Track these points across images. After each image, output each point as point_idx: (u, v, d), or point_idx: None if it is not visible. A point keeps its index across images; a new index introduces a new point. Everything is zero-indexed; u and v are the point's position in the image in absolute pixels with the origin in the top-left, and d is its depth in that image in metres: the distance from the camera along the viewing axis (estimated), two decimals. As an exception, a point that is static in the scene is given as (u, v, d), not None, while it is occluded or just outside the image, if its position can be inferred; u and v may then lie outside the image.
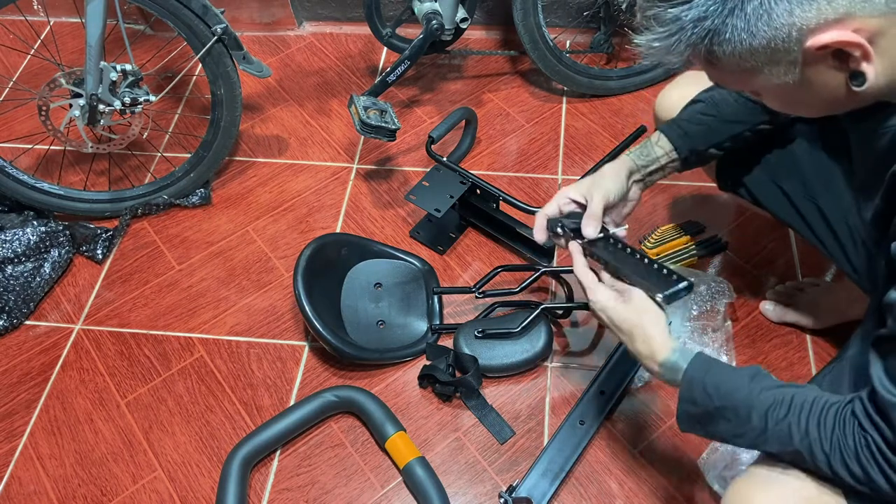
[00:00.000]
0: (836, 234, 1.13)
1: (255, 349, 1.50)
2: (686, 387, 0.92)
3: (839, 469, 0.80)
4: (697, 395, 0.91)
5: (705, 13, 0.72)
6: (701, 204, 1.63)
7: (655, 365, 0.96)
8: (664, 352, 0.95)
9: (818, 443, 0.81)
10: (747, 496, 0.88)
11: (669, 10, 0.73)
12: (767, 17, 0.70)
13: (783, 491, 0.86)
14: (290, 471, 1.35)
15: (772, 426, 0.85)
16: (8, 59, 2.11)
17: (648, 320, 0.97)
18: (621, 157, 1.16)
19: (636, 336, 0.98)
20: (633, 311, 0.98)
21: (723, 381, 0.90)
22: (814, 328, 1.42)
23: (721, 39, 0.73)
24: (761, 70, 0.75)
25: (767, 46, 0.72)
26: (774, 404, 0.85)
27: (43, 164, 1.81)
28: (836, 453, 0.80)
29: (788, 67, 0.74)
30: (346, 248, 1.53)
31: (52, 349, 1.53)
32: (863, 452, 0.78)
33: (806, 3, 0.69)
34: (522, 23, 1.69)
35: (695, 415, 0.93)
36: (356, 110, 1.60)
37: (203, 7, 1.46)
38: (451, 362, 1.40)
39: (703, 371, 0.91)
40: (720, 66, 0.77)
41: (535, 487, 1.27)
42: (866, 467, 0.78)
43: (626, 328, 0.98)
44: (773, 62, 0.74)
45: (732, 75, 0.78)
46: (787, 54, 0.72)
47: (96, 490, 1.35)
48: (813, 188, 1.15)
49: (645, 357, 0.98)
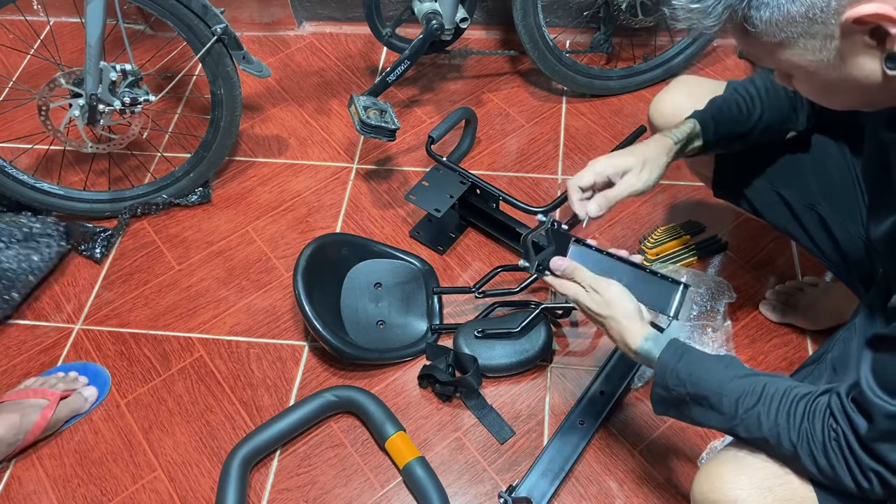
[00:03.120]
0: (836, 241, 1.13)
1: (255, 349, 1.50)
2: (659, 373, 0.95)
3: (805, 460, 0.82)
4: (670, 381, 0.93)
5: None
6: (701, 204, 1.63)
7: (631, 353, 0.99)
8: (637, 340, 0.98)
9: (786, 432, 0.83)
10: (719, 476, 0.89)
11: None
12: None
13: (754, 470, 0.88)
14: (290, 471, 1.35)
15: (741, 414, 0.87)
16: (8, 59, 2.11)
17: (620, 311, 0.99)
18: (663, 139, 1.11)
19: (610, 326, 1.01)
20: (605, 302, 1.00)
21: (695, 369, 0.92)
22: (813, 328, 1.43)
23: (760, 3, 0.71)
24: (796, 42, 0.73)
25: (805, 15, 0.70)
26: (745, 393, 0.87)
27: (43, 164, 1.81)
28: (803, 444, 0.82)
29: (824, 42, 0.72)
30: (346, 248, 1.53)
31: (52, 349, 1.53)
32: (830, 445, 0.80)
33: None
34: (522, 23, 1.69)
35: (668, 399, 0.95)
36: (356, 110, 1.60)
37: (203, 7, 1.46)
38: (451, 362, 1.40)
39: (676, 358, 0.93)
40: (755, 34, 0.74)
41: (535, 487, 1.27)
42: (832, 460, 0.80)
43: (600, 319, 1.02)
44: (808, 34, 0.72)
45: (766, 46, 0.75)
46: (824, 27, 0.70)
47: (96, 490, 1.35)
48: (813, 195, 1.15)
49: (620, 344, 1.01)
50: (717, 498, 0.88)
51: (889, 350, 0.76)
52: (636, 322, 0.99)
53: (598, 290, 1.00)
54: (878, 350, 0.78)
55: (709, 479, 0.90)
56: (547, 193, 1.70)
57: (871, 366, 0.78)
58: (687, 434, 1.34)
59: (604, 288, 1.00)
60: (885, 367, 0.76)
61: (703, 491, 0.90)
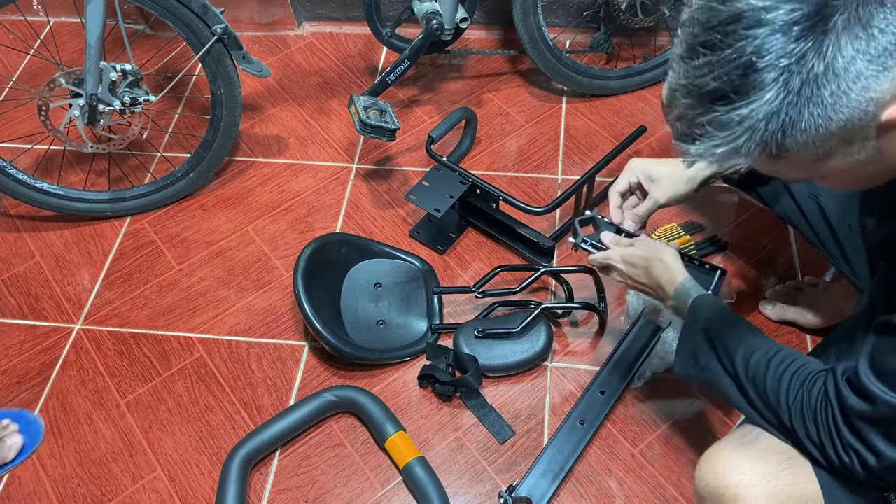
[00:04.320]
0: (835, 234, 1.14)
1: (255, 349, 1.50)
2: (692, 313, 1.02)
3: (797, 424, 0.86)
4: (700, 321, 1.00)
5: (778, 107, 0.64)
6: (701, 204, 1.63)
7: (671, 289, 1.06)
8: (679, 277, 1.06)
9: (785, 393, 0.87)
10: (723, 460, 0.91)
11: (733, 111, 0.65)
12: (846, 98, 0.63)
13: (757, 455, 0.89)
14: (290, 471, 1.35)
15: (752, 363, 0.91)
16: (8, 59, 2.11)
17: (664, 252, 1.10)
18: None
19: (654, 266, 1.09)
20: (647, 248, 1.12)
21: (723, 318, 0.99)
22: (813, 328, 1.42)
23: (796, 130, 0.66)
24: (835, 154, 0.68)
25: (844, 127, 0.65)
26: (762, 349, 0.92)
27: (43, 164, 1.81)
28: (797, 408, 0.86)
29: (862, 144, 0.67)
30: (345, 248, 1.53)
31: (52, 349, 1.53)
32: (820, 416, 0.84)
33: (881, 75, 0.62)
34: (522, 23, 1.69)
35: (693, 347, 1.00)
36: (356, 110, 1.60)
37: (203, 7, 1.46)
38: (451, 362, 1.40)
39: (710, 304, 1.01)
40: (789, 157, 0.69)
41: (535, 487, 1.27)
42: (821, 431, 0.84)
43: (643, 263, 1.10)
44: (846, 142, 0.67)
45: (800, 165, 0.71)
46: (861, 131, 0.66)
47: (96, 490, 1.35)
48: (816, 185, 1.15)
49: (664, 283, 1.08)
50: (720, 483, 0.89)
51: (891, 336, 0.77)
52: (679, 265, 1.08)
53: (641, 242, 1.14)
54: (880, 335, 0.79)
55: (712, 463, 0.91)
56: (547, 193, 1.70)
57: (870, 350, 0.79)
58: (687, 434, 1.34)
59: (645, 240, 1.14)
60: (883, 354, 0.78)
61: (706, 476, 0.91)
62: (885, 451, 0.79)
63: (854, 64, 0.62)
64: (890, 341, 0.77)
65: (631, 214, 1.21)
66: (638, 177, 1.20)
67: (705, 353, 0.97)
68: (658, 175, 1.18)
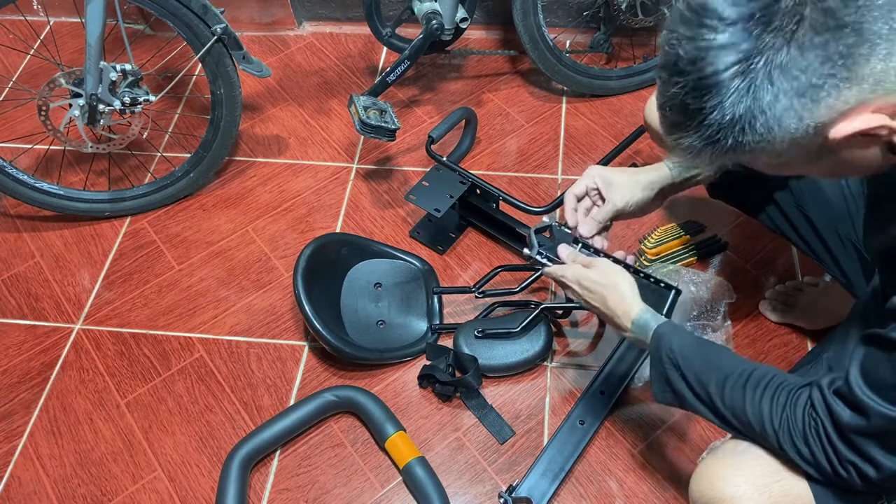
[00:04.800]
0: (825, 243, 1.15)
1: (255, 349, 1.50)
2: (655, 345, 0.97)
3: (787, 447, 0.84)
4: (664, 352, 0.96)
5: (715, 138, 0.70)
6: (701, 204, 1.63)
7: (628, 322, 1.02)
8: (636, 308, 1.02)
9: (769, 418, 0.86)
10: (717, 473, 0.90)
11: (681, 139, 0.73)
12: (779, 128, 0.68)
13: (751, 467, 0.89)
14: (290, 471, 1.35)
15: (728, 393, 0.89)
16: (8, 59, 2.11)
17: (620, 280, 1.05)
18: (662, 167, 1.17)
19: (609, 295, 1.04)
20: (602, 273, 1.07)
21: (687, 345, 0.95)
22: (813, 328, 1.43)
23: (744, 150, 0.71)
24: (794, 160, 0.73)
25: (792, 145, 0.69)
26: (733, 373, 0.90)
27: (43, 164, 1.81)
28: (784, 432, 0.85)
29: (820, 154, 0.71)
30: (345, 248, 1.53)
31: (52, 349, 1.53)
32: (810, 434, 0.82)
33: (812, 106, 0.66)
34: (522, 23, 1.69)
35: (662, 374, 0.97)
36: (356, 110, 1.60)
37: (203, 7, 1.46)
38: (451, 362, 1.40)
39: (672, 332, 0.97)
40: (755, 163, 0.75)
41: (535, 487, 1.27)
42: (813, 449, 0.82)
43: (599, 290, 1.05)
44: (803, 153, 0.71)
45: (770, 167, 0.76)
46: (813, 146, 0.70)
47: (96, 490, 1.35)
48: (802, 198, 1.16)
49: (619, 315, 1.03)
50: (714, 495, 0.89)
51: (882, 349, 0.77)
52: (636, 295, 1.04)
53: (598, 264, 1.08)
54: (870, 348, 0.78)
55: (706, 476, 0.91)
56: (547, 193, 1.70)
57: (861, 362, 0.78)
58: (687, 434, 1.34)
59: (602, 262, 1.09)
60: (875, 366, 0.77)
61: (700, 488, 0.91)
62: (885, 462, 0.78)
63: (778, 101, 0.66)
64: (881, 353, 0.76)
65: (588, 219, 1.17)
66: (596, 182, 1.16)
67: (678, 382, 0.95)
68: (616, 181, 1.15)
